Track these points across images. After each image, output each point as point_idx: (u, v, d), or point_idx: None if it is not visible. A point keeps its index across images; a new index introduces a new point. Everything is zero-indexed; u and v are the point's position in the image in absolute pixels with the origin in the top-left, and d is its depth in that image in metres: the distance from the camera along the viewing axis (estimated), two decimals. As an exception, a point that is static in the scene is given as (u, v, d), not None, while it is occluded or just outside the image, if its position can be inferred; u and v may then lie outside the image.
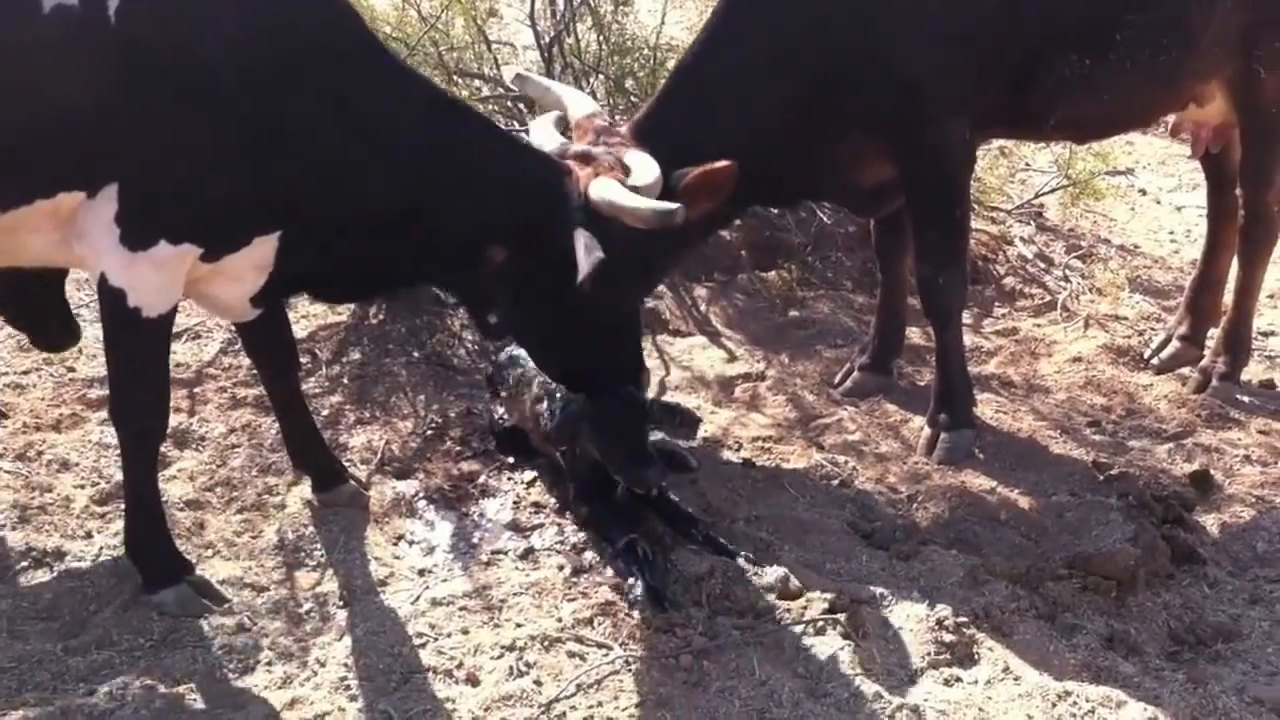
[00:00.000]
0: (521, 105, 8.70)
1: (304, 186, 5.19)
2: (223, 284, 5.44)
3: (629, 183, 5.49)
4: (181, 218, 5.08)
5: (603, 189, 5.41)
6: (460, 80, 9.01)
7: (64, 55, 4.85)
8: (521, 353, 6.43)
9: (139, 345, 5.25)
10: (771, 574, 5.64)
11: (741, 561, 5.71)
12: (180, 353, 7.14)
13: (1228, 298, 7.66)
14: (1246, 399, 7.47)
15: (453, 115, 5.60)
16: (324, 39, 5.25)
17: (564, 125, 6.09)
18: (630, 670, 5.10)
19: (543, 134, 6.01)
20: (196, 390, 6.93)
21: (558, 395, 6.11)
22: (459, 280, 5.80)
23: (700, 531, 5.90)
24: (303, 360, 6.59)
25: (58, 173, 4.96)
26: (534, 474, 6.41)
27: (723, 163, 5.49)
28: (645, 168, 5.59)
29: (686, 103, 6.28)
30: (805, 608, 5.46)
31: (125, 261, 5.07)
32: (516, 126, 7.93)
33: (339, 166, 5.23)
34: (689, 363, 7.69)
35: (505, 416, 6.61)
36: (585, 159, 5.69)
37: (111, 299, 5.15)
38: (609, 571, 5.68)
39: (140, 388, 5.33)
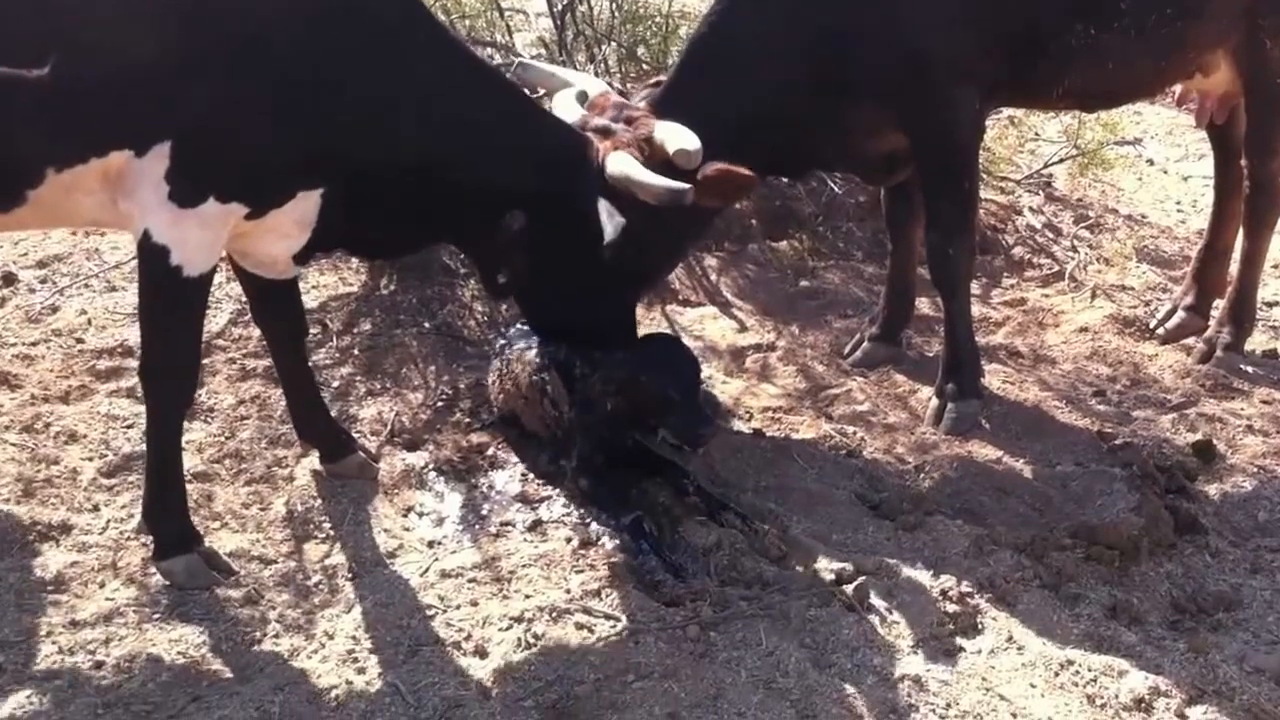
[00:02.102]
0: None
1: (347, 142, 5.23)
2: (269, 240, 5.49)
3: (674, 146, 5.55)
4: (233, 175, 5.12)
5: (619, 162, 5.47)
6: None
7: (124, 13, 4.88)
8: (514, 332, 6.51)
9: (176, 305, 5.25)
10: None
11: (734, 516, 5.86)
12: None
13: (1233, 268, 7.67)
14: (1250, 369, 7.47)
15: (489, 82, 5.68)
16: (372, 2, 5.31)
17: (584, 99, 6.10)
18: (637, 641, 5.12)
19: (565, 108, 6.03)
20: (206, 361, 6.87)
21: (576, 363, 6.14)
22: (476, 239, 5.85)
23: (692, 482, 5.99)
24: (313, 331, 6.63)
25: (113, 130, 4.97)
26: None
27: (746, 171, 5.55)
28: (683, 137, 5.62)
29: (701, 76, 6.30)
30: (812, 578, 5.51)
31: (172, 219, 5.07)
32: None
33: (381, 123, 5.28)
34: (700, 333, 7.72)
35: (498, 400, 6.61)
36: (605, 133, 5.75)
37: (153, 256, 5.14)
38: (617, 543, 5.70)
39: (173, 350, 5.33)
